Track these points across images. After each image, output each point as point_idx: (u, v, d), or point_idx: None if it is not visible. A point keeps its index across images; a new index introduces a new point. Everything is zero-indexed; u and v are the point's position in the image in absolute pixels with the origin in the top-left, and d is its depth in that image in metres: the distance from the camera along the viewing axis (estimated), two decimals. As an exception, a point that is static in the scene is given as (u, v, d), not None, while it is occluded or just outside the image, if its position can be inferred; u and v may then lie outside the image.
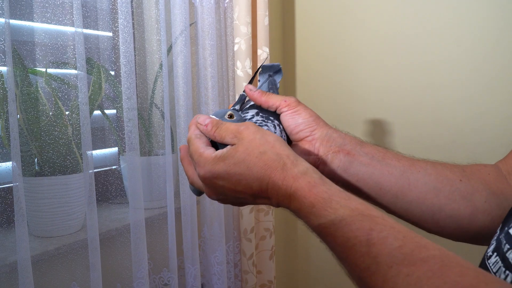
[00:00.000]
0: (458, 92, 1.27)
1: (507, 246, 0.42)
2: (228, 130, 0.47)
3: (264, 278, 1.36)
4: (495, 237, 0.48)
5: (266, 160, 0.44)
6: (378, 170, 0.55)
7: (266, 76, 0.60)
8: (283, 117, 0.56)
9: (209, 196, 0.48)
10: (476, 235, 0.57)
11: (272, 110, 0.57)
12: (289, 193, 0.42)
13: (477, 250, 0.60)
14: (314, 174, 0.43)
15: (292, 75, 1.61)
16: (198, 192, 0.54)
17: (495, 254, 0.45)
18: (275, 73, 0.60)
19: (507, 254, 0.42)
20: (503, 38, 1.19)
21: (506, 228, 0.46)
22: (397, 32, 1.36)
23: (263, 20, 1.28)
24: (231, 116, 0.52)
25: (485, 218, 0.55)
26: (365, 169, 0.55)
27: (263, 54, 1.30)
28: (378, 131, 1.42)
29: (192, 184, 0.52)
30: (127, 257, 0.97)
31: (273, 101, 0.56)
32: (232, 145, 0.46)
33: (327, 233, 0.40)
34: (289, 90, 1.62)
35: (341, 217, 0.39)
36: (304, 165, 0.44)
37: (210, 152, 0.46)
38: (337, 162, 0.55)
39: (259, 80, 0.61)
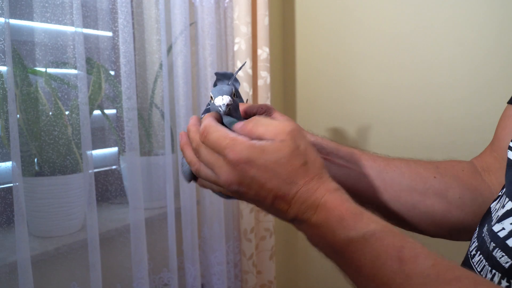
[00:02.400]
0: (458, 92, 1.27)
1: (492, 244, 0.43)
2: (271, 126, 0.43)
3: (264, 278, 1.36)
4: (476, 235, 0.49)
5: (307, 171, 0.42)
6: (354, 172, 0.57)
7: (226, 82, 0.58)
8: None
9: (229, 184, 0.43)
10: (451, 230, 0.58)
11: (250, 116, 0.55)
12: (317, 203, 0.41)
13: (460, 249, 0.60)
14: (346, 193, 0.43)
15: (292, 75, 1.61)
16: (191, 177, 0.52)
17: (479, 253, 0.45)
18: (234, 81, 0.57)
19: (493, 253, 0.42)
20: (503, 38, 1.19)
21: (486, 226, 0.46)
22: (397, 32, 1.36)
23: (263, 20, 1.28)
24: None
25: (460, 213, 0.57)
26: (342, 171, 0.57)
27: (263, 54, 1.30)
28: (378, 131, 1.42)
29: (198, 173, 0.48)
30: (127, 257, 0.97)
31: (249, 108, 0.56)
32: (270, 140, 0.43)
33: (354, 249, 0.38)
34: (289, 90, 1.62)
35: (372, 232, 0.38)
36: (336, 183, 0.44)
37: (244, 138, 0.43)
38: None
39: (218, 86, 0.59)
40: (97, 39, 1.05)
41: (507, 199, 0.45)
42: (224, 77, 0.58)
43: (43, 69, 0.89)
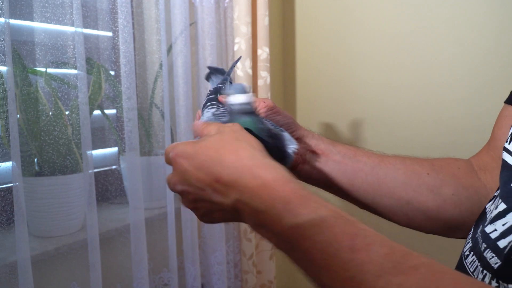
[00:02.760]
0: (458, 92, 1.27)
1: (484, 245, 0.43)
2: (210, 126, 0.46)
3: (264, 278, 1.36)
4: (470, 236, 0.49)
5: (238, 148, 0.40)
6: (349, 167, 0.58)
7: (220, 77, 0.59)
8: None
9: (173, 185, 0.43)
10: (445, 227, 0.59)
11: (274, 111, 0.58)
12: (258, 184, 0.37)
13: (455, 250, 0.60)
14: (287, 172, 0.39)
15: (292, 75, 1.61)
16: None
17: (472, 253, 0.45)
18: (227, 76, 0.58)
19: (484, 254, 0.42)
20: (503, 38, 1.19)
21: (481, 226, 0.46)
22: (397, 32, 1.36)
23: (263, 20, 1.28)
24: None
25: (454, 210, 0.57)
26: (338, 166, 0.58)
27: (263, 54, 1.30)
28: (378, 131, 1.42)
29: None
30: (127, 257, 0.97)
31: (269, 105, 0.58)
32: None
33: (303, 236, 0.34)
34: (289, 90, 1.62)
35: (322, 218, 0.34)
36: (276, 162, 0.40)
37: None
38: (313, 161, 0.58)
39: (211, 80, 0.60)
40: (97, 39, 1.05)
41: (500, 201, 0.45)
42: (217, 71, 0.58)
43: (43, 69, 0.89)
